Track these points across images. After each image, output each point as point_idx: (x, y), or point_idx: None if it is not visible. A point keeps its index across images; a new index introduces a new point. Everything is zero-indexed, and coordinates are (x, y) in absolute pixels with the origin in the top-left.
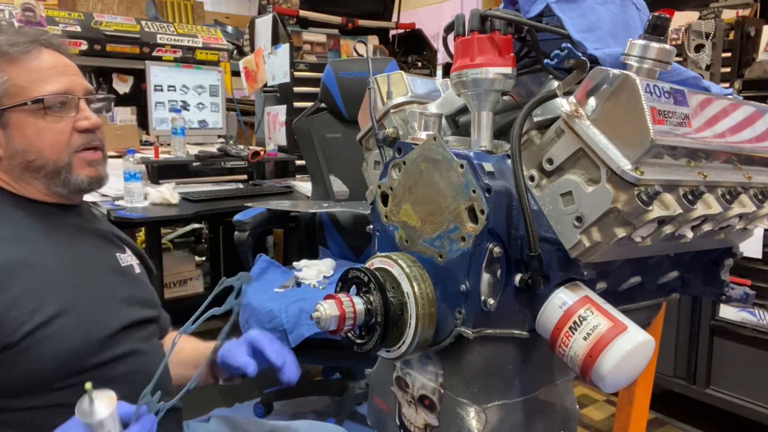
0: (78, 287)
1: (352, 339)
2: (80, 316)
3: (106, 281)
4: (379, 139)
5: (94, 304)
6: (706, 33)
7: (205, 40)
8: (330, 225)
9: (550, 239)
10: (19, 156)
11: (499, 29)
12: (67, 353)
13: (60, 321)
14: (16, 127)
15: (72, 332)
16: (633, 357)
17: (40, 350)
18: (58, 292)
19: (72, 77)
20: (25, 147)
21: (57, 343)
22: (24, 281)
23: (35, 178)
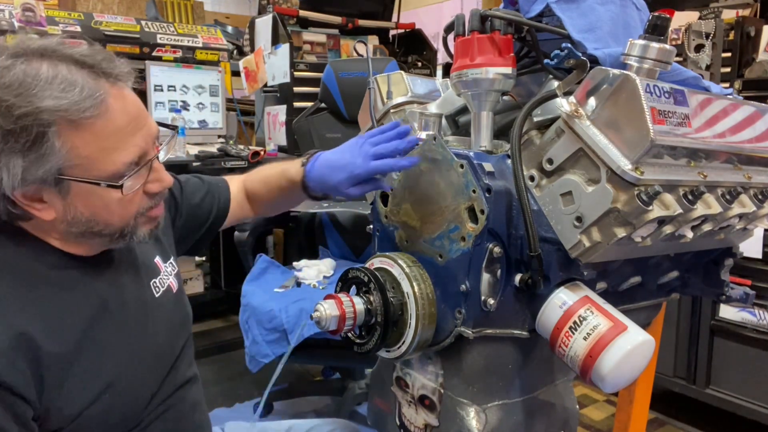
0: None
1: (352, 339)
2: (127, 383)
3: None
4: None
5: (139, 365)
6: (706, 33)
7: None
8: (330, 225)
9: (550, 239)
10: (82, 224)
11: (499, 29)
12: (119, 423)
13: (108, 395)
14: (78, 197)
15: (122, 403)
16: (633, 357)
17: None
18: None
19: (144, 130)
20: (90, 217)
21: (107, 418)
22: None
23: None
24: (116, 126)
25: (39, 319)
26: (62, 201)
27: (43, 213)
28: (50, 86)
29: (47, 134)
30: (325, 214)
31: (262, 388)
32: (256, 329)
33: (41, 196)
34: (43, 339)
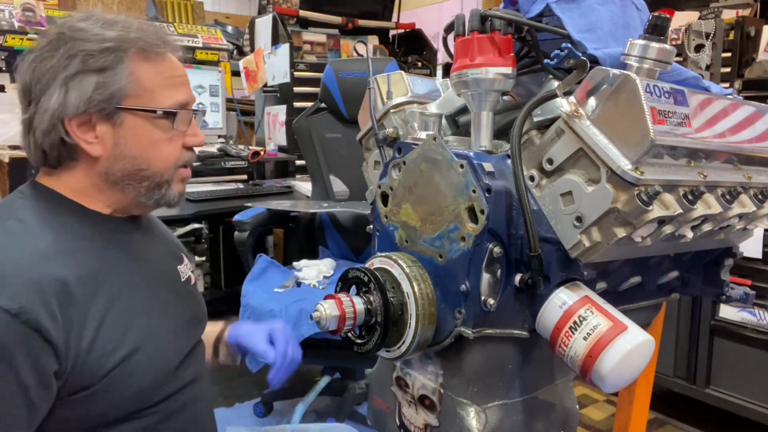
0: (150, 317)
1: (352, 339)
2: (153, 350)
3: (172, 305)
4: (379, 139)
5: (163, 334)
6: (706, 33)
7: (205, 40)
8: (330, 225)
9: (550, 239)
10: (127, 162)
11: (499, 29)
12: (139, 392)
13: (135, 358)
14: (131, 130)
15: (145, 369)
16: (633, 357)
17: (115, 391)
18: (134, 326)
19: (188, 86)
20: (137, 153)
21: (131, 383)
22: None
23: (132, 188)
24: (174, 70)
25: (76, 270)
26: (113, 135)
27: (92, 147)
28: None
29: (124, 58)
30: (325, 214)
31: (261, 388)
32: None
33: (95, 128)
34: (78, 290)
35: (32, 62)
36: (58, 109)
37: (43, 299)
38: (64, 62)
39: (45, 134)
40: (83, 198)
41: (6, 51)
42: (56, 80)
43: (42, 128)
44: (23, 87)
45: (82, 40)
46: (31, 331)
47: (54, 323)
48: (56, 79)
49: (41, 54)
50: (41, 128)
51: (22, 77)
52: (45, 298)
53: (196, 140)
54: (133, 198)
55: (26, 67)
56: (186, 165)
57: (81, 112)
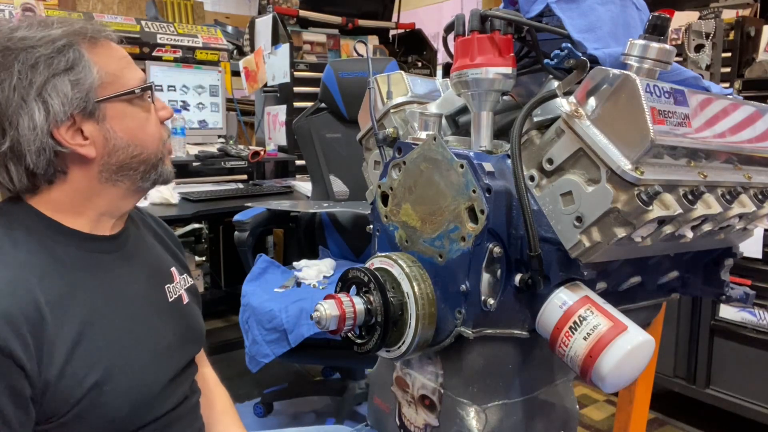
0: (126, 343)
1: (352, 339)
2: (129, 377)
3: (154, 329)
4: (379, 139)
5: (142, 360)
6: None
7: (205, 40)
8: (330, 225)
9: (550, 239)
10: (122, 152)
11: (499, 29)
12: (116, 420)
13: (109, 386)
14: (116, 120)
15: (120, 397)
16: (633, 357)
17: (89, 420)
18: (107, 353)
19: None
20: (129, 140)
21: (105, 412)
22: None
23: (128, 177)
24: (120, 51)
25: (47, 294)
26: (101, 131)
27: (87, 150)
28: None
29: (80, 51)
30: (325, 214)
31: (262, 388)
32: (256, 329)
33: (81, 130)
34: (52, 314)
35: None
36: (47, 123)
37: (15, 328)
38: (28, 75)
39: (39, 154)
40: (65, 215)
41: None
42: (29, 96)
43: (34, 149)
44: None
45: (34, 47)
46: (4, 358)
47: (26, 350)
48: (29, 94)
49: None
50: (33, 149)
51: None
52: (17, 326)
53: (167, 113)
54: (129, 188)
55: None
56: (167, 138)
57: (67, 117)
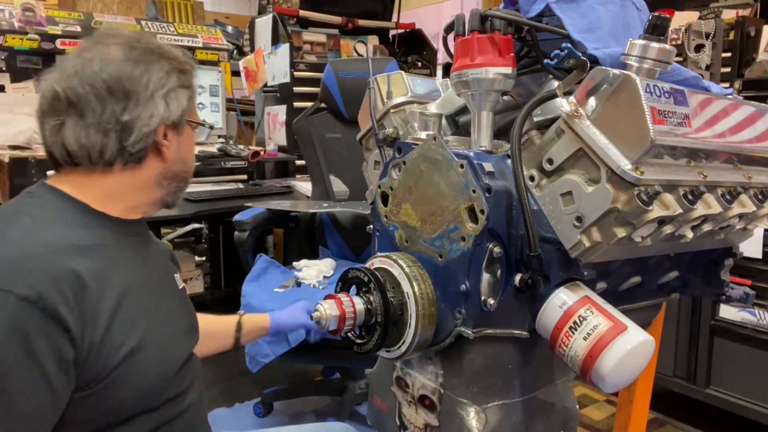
0: (154, 318)
1: (352, 339)
2: (157, 350)
3: (173, 311)
4: (379, 139)
5: (165, 337)
6: (706, 33)
7: (205, 40)
8: (330, 225)
9: (550, 239)
10: (181, 164)
11: (499, 29)
12: (142, 392)
13: (140, 355)
14: (186, 138)
15: (148, 369)
16: (633, 357)
17: (120, 387)
18: (140, 325)
19: None
20: (186, 158)
21: (135, 382)
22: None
23: (172, 186)
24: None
25: (87, 265)
26: (177, 142)
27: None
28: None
29: (193, 80)
30: (325, 214)
31: (262, 388)
32: None
33: (167, 135)
34: (91, 284)
35: (121, 63)
36: (159, 117)
37: (59, 289)
38: (163, 78)
39: (142, 137)
40: (99, 202)
41: (6, 51)
42: (158, 93)
43: (145, 131)
44: (115, 86)
45: (172, 59)
46: (50, 319)
47: (71, 312)
48: (158, 92)
49: (129, 59)
50: (144, 131)
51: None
52: (61, 288)
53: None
54: (162, 196)
55: (114, 66)
56: None
57: (175, 119)
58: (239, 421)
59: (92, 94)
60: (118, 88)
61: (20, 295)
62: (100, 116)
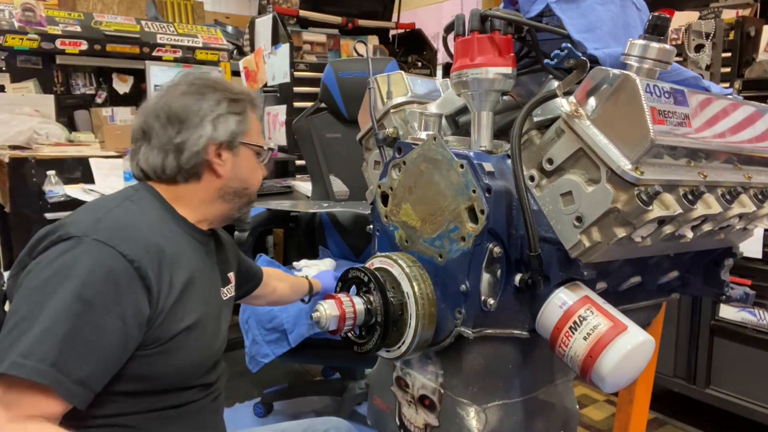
0: (208, 307)
1: (352, 339)
2: (205, 333)
3: (220, 309)
4: (379, 139)
5: (213, 325)
6: (706, 33)
7: (205, 40)
8: (330, 225)
9: (550, 239)
10: (239, 181)
11: (499, 29)
12: (188, 367)
13: (194, 333)
14: (243, 159)
15: (197, 347)
16: (633, 357)
17: (172, 355)
18: (198, 308)
19: None
20: (245, 176)
21: (185, 354)
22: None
23: (234, 202)
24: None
25: (171, 248)
26: (233, 161)
27: (220, 168)
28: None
29: (247, 108)
30: (325, 214)
31: (262, 388)
32: (256, 329)
33: (221, 155)
34: (172, 262)
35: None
36: (208, 138)
37: (151, 258)
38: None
39: (193, 155)
40: (182, 207)
41: (6, 51)
42: (207, 118)
43: (194, 149)
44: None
45: (225, 90)
46: (139, 277)
47: (155, 278)
48: (207, 117)
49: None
50: (194, 149)
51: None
52: (152, 257)
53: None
54: (228, 211)
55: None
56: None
57: (222, 140)
58: (239, 421)
59: (157, 123)
60: (175, 117)
61: (121, 252)
62: (161, 140)
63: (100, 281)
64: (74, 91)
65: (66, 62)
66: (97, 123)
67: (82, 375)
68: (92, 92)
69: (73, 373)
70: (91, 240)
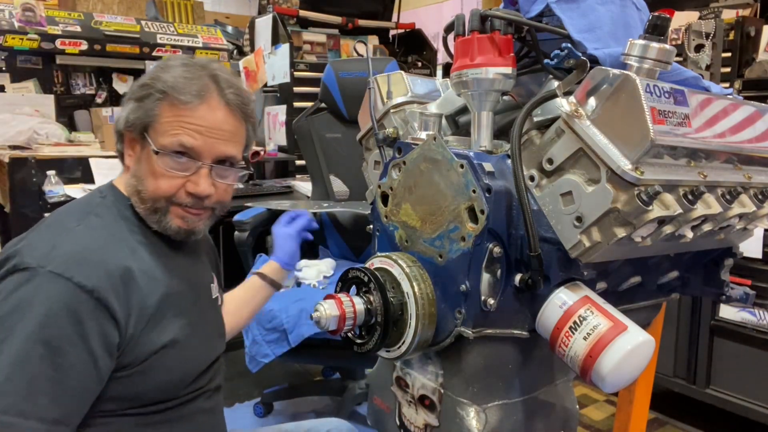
0: (189, 319)
1: (352, 339)
2: (187, 348)
3: (207, 314)
4: (379, 139)
5: (197, 338)
6: (706, 33)
7: (205, 40)
8: (330, 225)
9: (550, 239)
10: (138, 180)
11: (499, 29)
12: (170, 382)
13: (172, 351)
14: (144, 155)
15: (177, 364)
16: (633, 357)
17: (151, 374)
18: (176, 323)
19: (210, 140)
20: (142, 176)
21: (163, 373)
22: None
23: (138, 204)
24: (191, 119)
25: (140, 264)
26: (139, 154)
27: (128, 159)
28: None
29: (152, 95)
30: (325, 214)
31: (262, 388)
32: (256, 329)
33: (133, 146)
34: (141, 280)
35: None
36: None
37: (114, 283)
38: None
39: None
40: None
41: (6, 51)
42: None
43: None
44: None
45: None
46: (100, 307)
47: (119, 303)
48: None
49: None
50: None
51: None
52: (115, 282)
53: (194, 188)
54: (144, 215)
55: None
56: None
57: (122, 128)
58: (239, 421)
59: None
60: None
61: (79, 283)
62: None
63: (61, 320)
64: (74, 91)
65: (66, 62)
66: (97, 123)
67: (57, 415)
68: (92, 92)
69: (47, 416)
70: (47, 272)
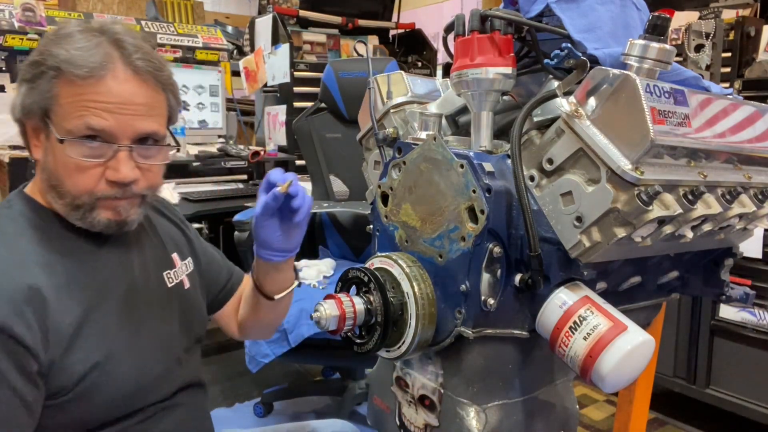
0: (124, 329)
1: (352, 339)
2: (131, 360)
3: (153, 316)
4: (379, 139)
5: (140, 345)
6: (706, 33)
7: (205, 40)
8: (330, 225)
9: (550, 239)
10: (50, 173)
11: (499, 29)
12: (118, 400)
13: (110, 367)
14: (51, 146)
15: (122, 378)
16: (633, 357)
17: (92, 399)
18: (107, 337)
19: (123, 117)
20: (53, 170)
21: (108, 391)
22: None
23: (56, 201)
24: (96, 95)
25: (50, 280)
26: (46, 144)
27: (35, 150)
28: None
29: (45, 74)
30: (325, 214)
31: (262, 388)
32: None
33: (38, 134)
34: (53, 298)
35: None
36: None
37: (17, 309)
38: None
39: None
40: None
41: (6, 51)
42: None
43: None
44: None
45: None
46: (8, 338)
47: (29, 330)
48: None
49: None
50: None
51: None
52: (21, 309)
53: (114, 175)
54: (64, 212)
55: None
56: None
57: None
58: (239, 421)
59: None
60: None
61: None
62: None
63: None
64: None
65: None
66: None
67: None
68: None
69: None
70: None
